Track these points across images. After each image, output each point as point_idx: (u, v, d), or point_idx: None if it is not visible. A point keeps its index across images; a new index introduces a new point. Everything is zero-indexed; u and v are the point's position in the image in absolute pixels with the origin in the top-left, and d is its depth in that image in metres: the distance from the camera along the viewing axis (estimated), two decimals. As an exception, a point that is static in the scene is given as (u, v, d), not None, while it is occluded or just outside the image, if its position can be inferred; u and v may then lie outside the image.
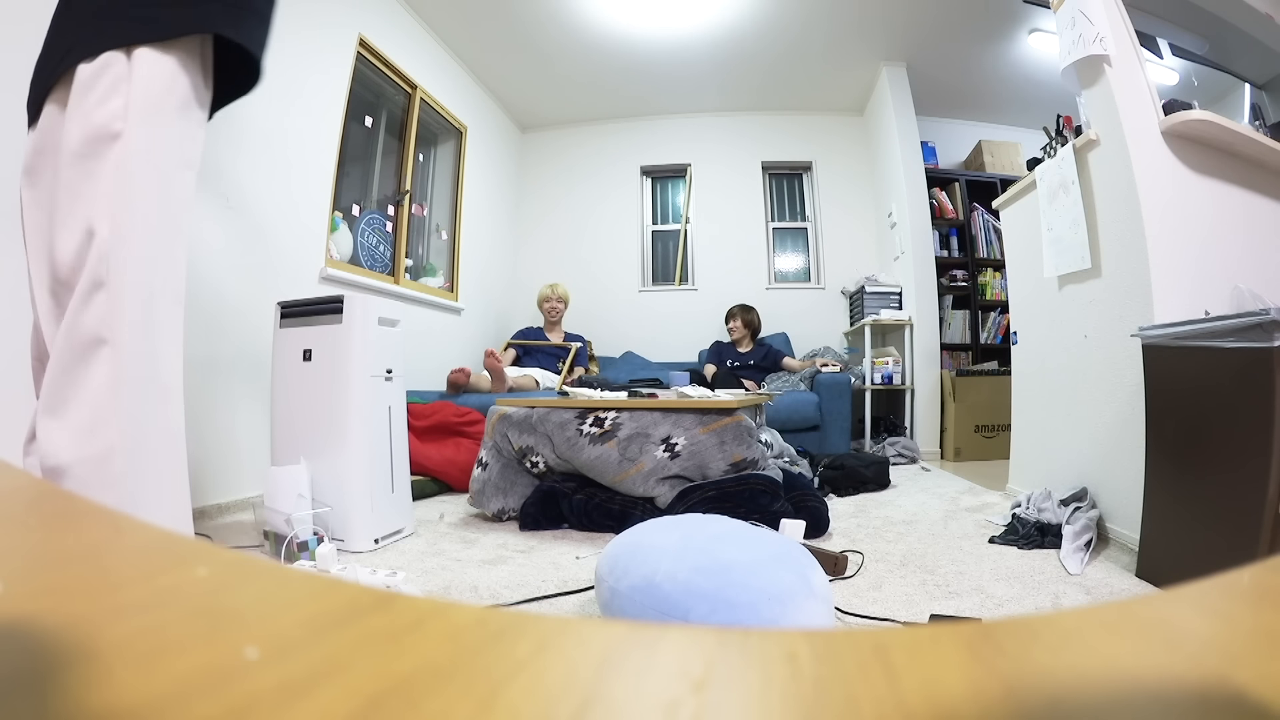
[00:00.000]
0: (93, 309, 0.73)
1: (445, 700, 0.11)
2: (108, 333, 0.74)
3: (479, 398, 2.88)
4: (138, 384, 0.76)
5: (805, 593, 0.87)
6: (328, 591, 0.16)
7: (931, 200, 3.75)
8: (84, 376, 0.73)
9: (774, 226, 4.41)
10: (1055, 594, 1.22)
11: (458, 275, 3.65)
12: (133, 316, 0.75)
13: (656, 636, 0.14)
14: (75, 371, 0.73)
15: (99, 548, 0.19)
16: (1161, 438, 1.33)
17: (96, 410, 0.73)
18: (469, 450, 2.41)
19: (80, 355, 0.73)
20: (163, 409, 0.78)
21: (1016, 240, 2.23)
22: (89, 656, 0.12)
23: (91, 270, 0.74)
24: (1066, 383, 1.88)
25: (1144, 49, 1.71)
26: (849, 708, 0.11)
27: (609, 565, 0.98)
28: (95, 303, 0.73)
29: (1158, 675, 0.12)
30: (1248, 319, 1.09)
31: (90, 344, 0.73)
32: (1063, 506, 1.63)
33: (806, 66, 3.78)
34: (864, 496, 2.30)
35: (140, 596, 0.15)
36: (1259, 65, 2.29)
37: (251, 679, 0.12)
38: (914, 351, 3.48)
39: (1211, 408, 1.19)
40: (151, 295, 0.78)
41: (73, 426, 0.72)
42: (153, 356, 0.77)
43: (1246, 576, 0.16)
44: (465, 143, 3.71)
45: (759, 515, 1.61)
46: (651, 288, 4.40)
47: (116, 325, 0.74)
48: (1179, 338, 1.26)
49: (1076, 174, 1.75)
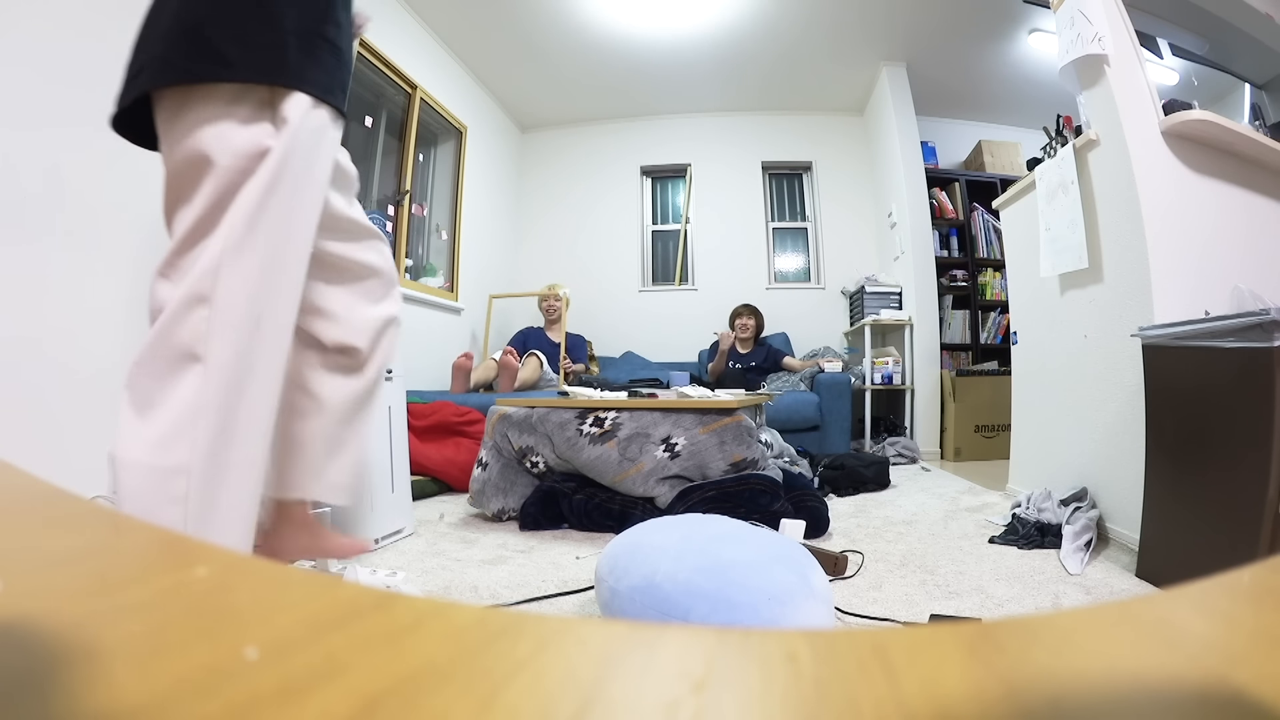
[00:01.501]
0: (191, 322, 0.71)
1: (445, 700, 0.11)
2: (203, 351, 0.71)
3: (479, 397, 2.88)
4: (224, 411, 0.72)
5: (805, 593, 0.87)
6: (328, 591, 0.16)
7: (931, 200, 3.75)
8: (172, 386, 0.71)
9: (774, 226, 4.41)
10: (1055, 594, 1.22)
11: (458, 275, 3.65)
12: (233, 341, 0.72)
13: (656, 636, 0.14)
14: (165, 378, 0.71)
15: (99, 548, 0.19)
16: (1161, 438, 1.33)
17: (177, 425, 0.70)
18: (469, 450, 2.41)
19: (172, 363, 0.71)
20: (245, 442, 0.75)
21: (1016, 240, 2.23)
22: (89, 656, 0.12)
23: (197, 281, 0.71)
24: (1066, 383, 1.88)
25: (1144, 49, 1.71)
26: (849, 708, 0.11)
27: (609, 565, 0.98)
28: (195, 317, 0.71)
29: (1158, 675, 0.12)
30: (1248, 319, 1.09)
31: (184, 357, 0.71)
32: (1063, 506, 1.63)
33: (806, 66, 3.78)
34: (864, 496, 2.30)
35: (140, 596, 0.15)
36: (1259, 65, 2.29)
37: (251, 679, 0.12)
38: (914, 351, 3.48)
39: (1211, 408, 1.19)
40: (258, 324, 0.74)
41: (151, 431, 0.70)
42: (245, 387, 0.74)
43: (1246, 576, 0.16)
44: (465, 143, 3.71)
45: (759, 515, 1.61)
46: (651, 288, 4.40)
47: (214, 347, 0.71)
48: (1179, 338, 1.26)
49: (1076, 174, 1.75)
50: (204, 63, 0.73)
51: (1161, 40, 2.10)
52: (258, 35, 0.75)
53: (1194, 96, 2.03)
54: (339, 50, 0.85)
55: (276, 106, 0.76)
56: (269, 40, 0.75)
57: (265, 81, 0.75)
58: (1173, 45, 2.20)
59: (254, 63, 0.74)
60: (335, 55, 0.84)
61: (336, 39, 0.84)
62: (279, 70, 0.76)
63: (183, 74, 0.73)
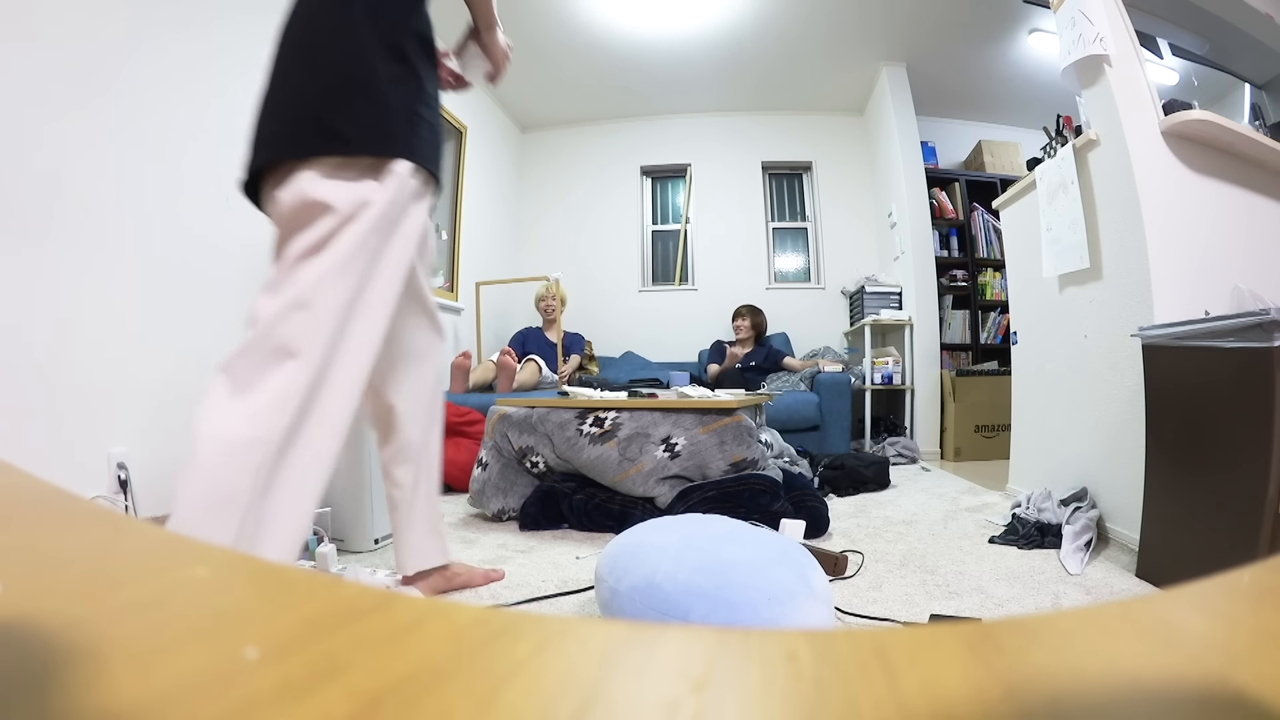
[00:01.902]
0: (291, 324, 0.84)
1: (445, 700, 0.11)
2: (299, 349, 0.84)
3: (479, 397, 2.88)
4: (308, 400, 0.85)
5: (805, 593, 0.87)
6: (328, 591, 0.16)
7: (931, 200, 3.75)
8: (269, 375, 0.83)
9: (774, 226, 4.41)
10: (1055, 594, 1.22)
11: (458, 275, 3.65)
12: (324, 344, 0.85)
13: (656, 636, 0.14)
14: (263, 367, 0.83)
15: (99, 548, 0.19)
16: (1161, 438, 1.33)
17: (269, 405, 0.81)
18: (469, 450, 2.41)
19: (271, 356, 0.83)
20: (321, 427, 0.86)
21: (1016, 240, 2.23)
22: (89, 656, 0.12)
23: (301, 291, 0.85)
24: (1066, 383, 1.88)
25: (1144, 49, 1.71)
26: (849, 708, 0.11)
27: (609, 565, 0.98)
28: (295, 320, 0.84)
29: (1158, 675, 0.12)
30: (1248, 319, 1.09)
31: (282, 351, 0.83)
32: (1063, 506, 1.63)
33: (806, 66, 3.78)
34: (864, 496, 2.30)
35: (140, 596, 0.15)
36: (1259, 65, 2.30)
37: (251, 679, 0.12)
38: (914, 351, 3.48)
39: (1211, 408, 1.19)
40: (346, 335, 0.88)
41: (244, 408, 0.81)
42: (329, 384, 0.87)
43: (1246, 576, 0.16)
44: (465, 143, 3.71)
45: (759, 515, 1.61)
46: (651, 288, 4.40)
47: (307, 346, 0.84)
48: (1179, 338, 1.26)
49: (1076, 174, 1.75)
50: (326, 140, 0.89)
51: (1161, 40, 2.10)
52: (366, 115, 0.91)
53: (1194, 96, 2.03)
54: (433, 126, 1.02)
55: (380, 170, 0.92)
56: (375, 119, 0.92)
57: (373, 154, 0.92)
58: (1173, 45, 2.20)
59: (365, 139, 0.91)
60: (429, 130, 1.00)
61: (430, 116, 1.01)
62: (384, 144, 0.92)
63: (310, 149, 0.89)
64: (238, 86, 2.08)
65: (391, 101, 0.94)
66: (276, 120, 0.93)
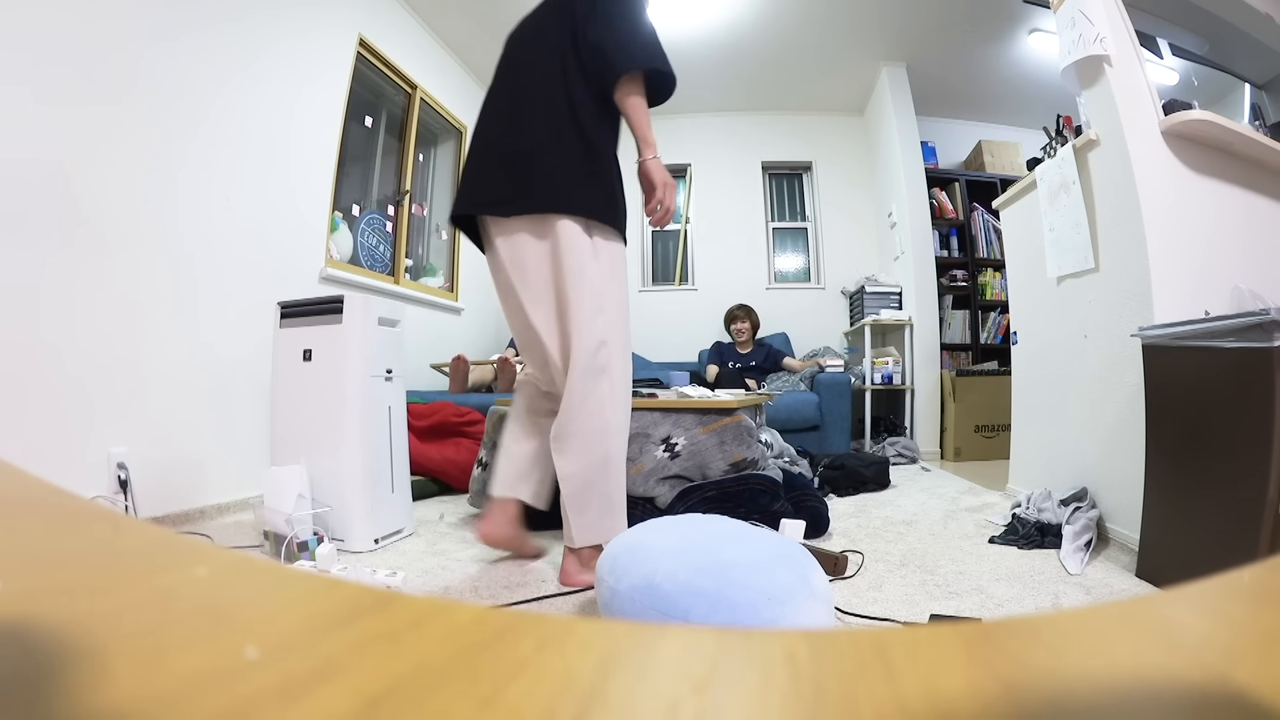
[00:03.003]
0: (602, 354, 1.31)
1: (445, 700, 0.11)
2: (608, 366, 1.32)
3: (479, 397, 2.88)
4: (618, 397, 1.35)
5: (805, 593, 0.87)
6: (328, 591, 0.16)
7: (931, 200, 3.75)
8: (596, 387, 1.31)
9: (774, 226, 4.41)
10: (1055, 594, 1.22)
11: (458, 275, 3.64)
12: (620, 364, 1.35)
13: (656, 636, 0.14)
14: (590, 384, 1.30)
15: (99, 548, 0.19)
16: (1161, 438, 1.33)
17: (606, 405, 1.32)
18: (469, 450, 2.40)
19: (596, 374, 1.30)
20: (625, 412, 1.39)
21: (1016, 240, 2.23)
22: (89, 656, 0.12)
23: (603, 331, 1.31)
24: (1066, 383, 1.88)
25: (1144, 49, 1.71)
26: (849, 708, 0.11)
27: (609, 565, 0.98)
28: (604, 352, 1.31)
29: (1158, 675, 0.12)
30: (1248, 319, 1.09)
31: (601, 371, 1.31)
32: (1063, 506, 1.63)
33: (806, 66, 3.78)
34: (864, 496, 2.30)
35: (140, 596, 0.15)
36: (1259, 65, 2.29)
37: (251, 679, 0.12)
38: (914, 351, 3.48)
39: (1211, 408, 1.19)
40: (623, 351, 1.37)
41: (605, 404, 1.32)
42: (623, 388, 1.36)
43: (1246, 576, 0.16)
44: (465, 143, 3.71)
45: (759, 515, 1.61)
46: (651, 288, 4.40)
47: (613, 365, 1.33)
48: (1179, 338, 1.26)
49: (1077, 174, 1.75)
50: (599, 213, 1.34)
51: (1161, 40, 2.10)
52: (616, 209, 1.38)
53: (1194, 96, 2.02)
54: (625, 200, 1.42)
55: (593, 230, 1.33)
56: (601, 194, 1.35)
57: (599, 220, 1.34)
58: (1173, 45, 2.20)
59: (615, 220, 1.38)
60: (624, 204, 1.42)
61: (623, 193, 1.41)
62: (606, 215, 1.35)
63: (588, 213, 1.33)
64: (236, 86, 2.08)
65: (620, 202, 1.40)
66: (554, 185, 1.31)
